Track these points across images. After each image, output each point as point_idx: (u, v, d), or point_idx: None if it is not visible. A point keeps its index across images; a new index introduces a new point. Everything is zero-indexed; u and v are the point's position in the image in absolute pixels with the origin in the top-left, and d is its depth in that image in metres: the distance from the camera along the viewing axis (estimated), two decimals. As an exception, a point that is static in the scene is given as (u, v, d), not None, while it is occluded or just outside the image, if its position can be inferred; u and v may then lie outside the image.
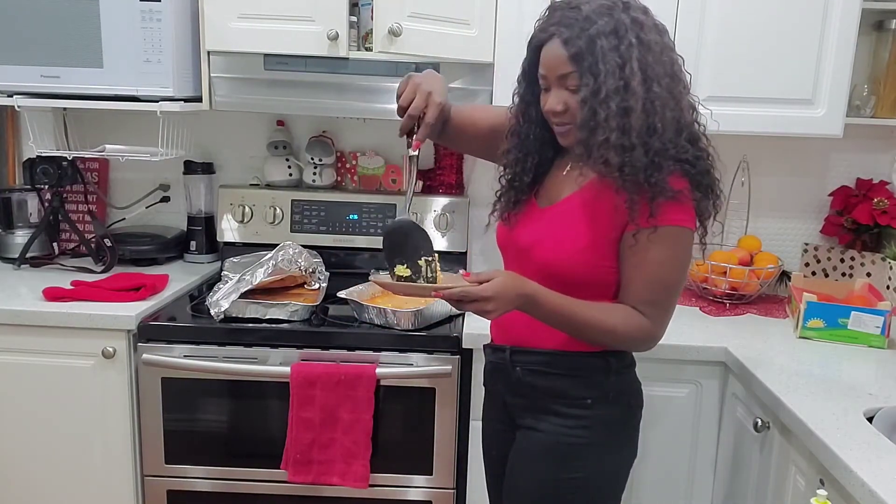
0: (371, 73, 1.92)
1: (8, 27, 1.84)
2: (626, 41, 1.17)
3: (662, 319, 1.28)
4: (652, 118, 1.18)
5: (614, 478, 1.36)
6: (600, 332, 1.25)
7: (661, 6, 1.89)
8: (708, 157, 1.24)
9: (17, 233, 2.21)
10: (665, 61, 1.20)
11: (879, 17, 2.09)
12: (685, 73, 1.24)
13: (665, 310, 1.28)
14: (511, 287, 1.20)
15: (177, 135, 2.03)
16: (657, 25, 1.22)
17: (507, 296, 1.19)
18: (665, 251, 1.23)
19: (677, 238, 1.23)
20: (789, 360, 1.68)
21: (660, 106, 1.18)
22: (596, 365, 1.31)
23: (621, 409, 1.34)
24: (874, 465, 1.16)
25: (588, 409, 1.30)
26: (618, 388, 1.33)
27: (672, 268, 1.25)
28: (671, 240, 1.22)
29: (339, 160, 2.35)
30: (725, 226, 2.33)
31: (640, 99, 1.17)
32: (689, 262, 1.28)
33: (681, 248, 1.24)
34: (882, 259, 2.08)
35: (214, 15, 1.87)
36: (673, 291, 1.28)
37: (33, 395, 1.80)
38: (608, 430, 1.32)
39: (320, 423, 1.70)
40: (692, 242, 1.26)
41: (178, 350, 1.74)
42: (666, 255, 1.23)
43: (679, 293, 1.30)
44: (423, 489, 1.80)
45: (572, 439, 1.31)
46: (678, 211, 1.21)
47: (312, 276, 1.99)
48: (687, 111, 1.23)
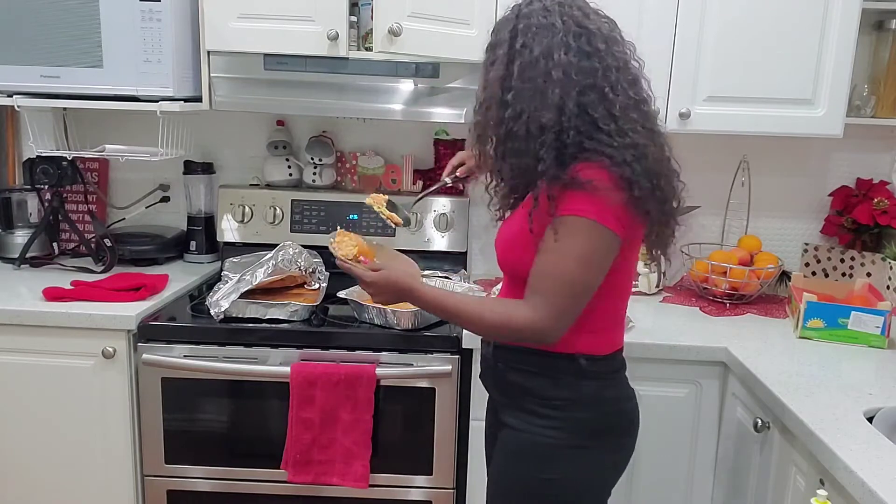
0: (371, 73, 1.92)
1: (8, 27, 1.84)
2: (499, 51, 1.25)
3: (544, 310, 1.21)
4: (517, 122, 1.21)
5: (590, 484, 1.33)
6: (468, 321, 1.29)
7: (662, 6, 1.91)
8: (633, 149, 1.18)
9: (17, 233, 2.21)
10: (541, 62, 1.20)
11: (879, 17, 2.10)
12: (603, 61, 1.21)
13: (548, 300, 1.21)
14: (391, 281, 1.34)
15: (177, 135, 2.03)
16: (553, 24, 1.21)
17: (387, 287, 1.35)
18: (561, 241, 1.19)
19: (570, 228, 1.18)
20: (789, 360, 1.68)
21: (519, 112, 1.21)
22: (565, 366, 1.29)
23: (595, 415, 1.31)
24: (874, 465, 1.16)
25: (558, 410, 1.30)
26: (591, 393, 1.30)
27: (565, 258, 1.19)
28: (563, 229, 1.19)
29: (339, 160, 2.35)
30: (725, 226, 2.33)
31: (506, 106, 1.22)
32: (593, 258, 1.20)
33: (578, 239, 1.18)
34: (882, 259, 2.08)
35: (214, 15, 1.87)
36: (564, 284, 1.20)
37: (33, 395, 1.80)
38: (579, 434, 1.30)
39: (320, 423, 1.70)
40: (600, 239, 1.19)
41: (178, 350, 1.74)
42: (561, 244, 1.19)
43: (575, 291, 1.21)
44: (423, 489, 1.80)
45: (545, 439, 1.30)
46: (581, 202, 1.17)
47: (312, 276, 1.99)
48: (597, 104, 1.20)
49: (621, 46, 1.25)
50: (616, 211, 1.18)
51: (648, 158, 1.19)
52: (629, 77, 1.23)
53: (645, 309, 2.04)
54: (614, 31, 1.26)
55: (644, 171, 1.18)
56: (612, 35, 1.24)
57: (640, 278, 2.17)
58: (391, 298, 1.37)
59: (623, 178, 1.17)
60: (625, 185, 1.17)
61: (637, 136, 1.20)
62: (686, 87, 1.95)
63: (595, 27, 1.22)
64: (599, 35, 1.22)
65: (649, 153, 1.19)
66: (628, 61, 1.24)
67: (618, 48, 1.24)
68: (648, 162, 1.19)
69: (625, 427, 1.36)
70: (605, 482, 1.36)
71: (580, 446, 1.30)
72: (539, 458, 1.30)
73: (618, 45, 1.24)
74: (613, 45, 1.23)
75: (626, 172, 1.17)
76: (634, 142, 1.19)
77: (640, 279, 2.17)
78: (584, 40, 1.20)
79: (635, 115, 1.22)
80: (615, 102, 1.20)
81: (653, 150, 1.21)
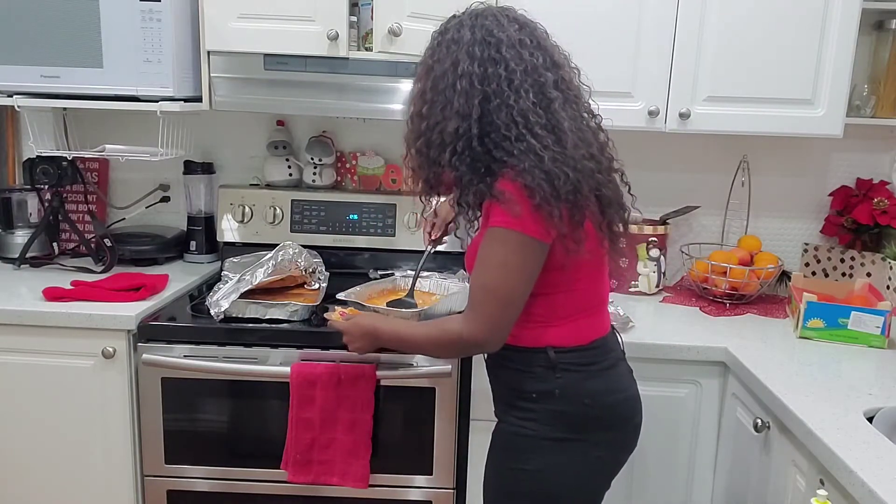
0: (371, 73, 1.92)
1: (8, 27, 1.84)
2: (420, 69, 1.32)
3: (475, 321, 1.27)
4: (431, 132, 1.27)
5: (572, 477, 1.33)
6: (422, 346, 1.41)
7: (662, 6, 1.91)
8: (532, 154, 1.21)
9: (17, 233, 2.21)
10: (449, 73, 1.25)
11: (879, 17, 2.10)
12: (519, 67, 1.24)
13: (480, 314, 1.27)
14: (357, 325, 1.48)
15: (177, 135, 2.03)
16: (462, 38, 1.26)
17: (355, 332, 1.49)
18: (485, 251, 1.27)
19: (496, 239, 1.24)
20: (789, 360, 1.68)
21: (433, 123, 1.27)
22: (536, 359, 1.33)
23: (573, 408, 1.32)
24: (874, 465, 1.16)
25: (535, 402, 1.33)
26: (567, 384, 1.32)
27: (489, 269, 1.26)
28: (491, 241, 1.26)
29: (339, 160, 2.35)
30: (725, 226, 2.33)
31: (422, 118, 1.29)
32: (515, 266, 1.24)
33: (499, 249, 1.24)
34: (882, 259, 2.08)
35: (214, 15, 1.87)
36: (491, 294, 1.26)
37: (33, 395, 1.80)
38: (557, 426, 1.32)
39: (320, 423, 1.70)
40: (519, 246, 1.23)
41: (178, 350, 1.74)
42: (486, 255, 1.27)
43: (504, 299, 1.26)
44: (423, 489, 1.80)
45: (524, 430, 1.34)
46: (499, 213, 1.23)
47: (312, 276, 1.99)
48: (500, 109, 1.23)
49: (537, 51, 1.27)
50: (531, 217, 1.21)
51: (545, 162, 1.20)
52: (539, 80, 1.25)
53: (645, 309, 2.05)
54: (530, 37, 1.27)
55: (544, 175, 1.20)
56: (524, 40, 1.26)
57: (640, 278, 2.17)
58: (365, 343, 1.49)
59: (526, 186, 1.21)
60: (527, 193, 1.21)
61: (535, 139, 1.22)
62: (686, 87, 1.95)
63: (505, 35, 1.25)
64: (508, 42, 1.25)
65: (546, 156, 1.21)
66: (538, 65, 1.25)
67: (529, 52, 1.26)
68: (545, 165, 1.21)
69: (609, 421, 1.35)
70: (590, 477, 1.36)
71: (559, 439, 1.32)
72: (518, 450, 1.34)
73: (528, 49, 1.26)
74: (523, 50, 1.25)
75: (527, 180, 1.20)
76: (531, 146, 1.22)
77: (640, 279, 2.18)
78: (492, 49, 1.24)
79: (535, 117, 1.23)
80: (515, 107, 1.23)
81: (552, 153, 1.22)
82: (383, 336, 1.46)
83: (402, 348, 1.51)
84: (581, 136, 1.27)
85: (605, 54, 1.93)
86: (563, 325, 1.33)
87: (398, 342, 1.45)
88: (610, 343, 1.40)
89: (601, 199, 1.30)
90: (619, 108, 1.85)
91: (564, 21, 1.34)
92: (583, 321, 1.35)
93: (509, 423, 1.38)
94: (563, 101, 1.26)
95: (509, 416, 1.38)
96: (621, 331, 1.62)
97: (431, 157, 1.30)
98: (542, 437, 1.32)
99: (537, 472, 1.32)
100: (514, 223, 1.22)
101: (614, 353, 1.40)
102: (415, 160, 1.34)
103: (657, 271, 2.18)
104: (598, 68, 1.36)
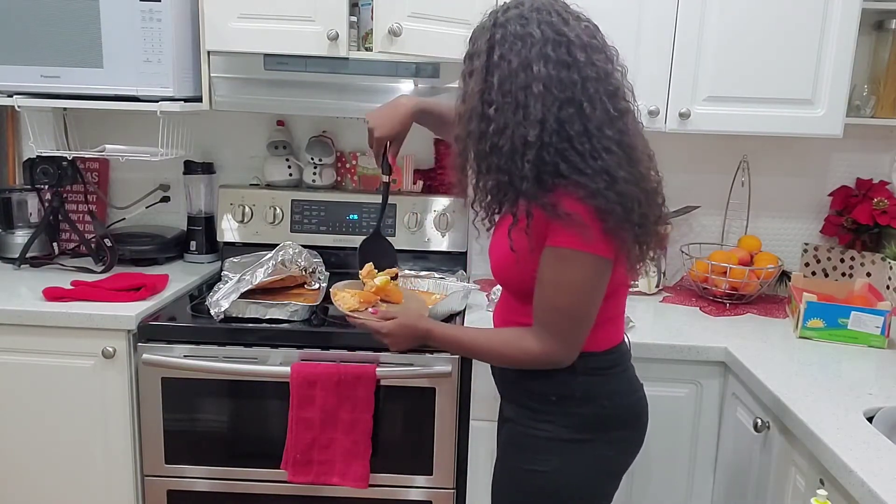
0: (371, 73, 1.92)
1: (8, 27, 1.84)
2: (476, 62, 1.23)
3: (552, 343, 1.25)
4: (501, 137, 1.19)
5: (585, 478, 1.33)
6: (489, 356, 1.37)
7: (662, 6, 1.91)
8: (605, 174, 1.16)
9: (17, 233, 2.21)
10: (521, 74, 1.17)
11: (879, 17, 2.10)
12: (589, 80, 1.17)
13: (554, 333, 1.25)
14: (406, 327, 1.40)
15: (177, 135, 2.03)
16: (530, 34, 1.18)
17: (403, 334, 1.41)
18: (554, 273, 1.22)
19: (566, 261, 1.20)
20: (789, 360, 1.68)
21: (503, 127, 1.18)
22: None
23: (591, 410, 1.31)
24: (874, 465, 1.16)
25: (553, 405, 1.31)
26: (586, 388, 1.31)
27: (560, 290, 1.22)
28: (560, 262, 1.21)
29: (339, 160, 2.35)
30: (725, 226, 2.33)
31: (488, 120, 1.20)
32: (587, 287, 1.22)
33: (570, 271, 1.21)
34: (882, 259, 2.08)
35: (214, 15, 1.87)
36: (564, 315, 1.24)
37: (33, 395, 1.80)
38: (574, 428, 1.31)
39: (320, 423, 1.70)
40: (591, 267, 1.20)
41: (178, 350, 1.74)
42: (555, 276, 1.22)
43: (578, 318, 1.24)
44: (423, 489, 1.80)
45: (538, 432, 1.32)
46: (566, 234, 1.18)
47: (312, 276, 1.99)
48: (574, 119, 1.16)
49: (602, 54, 1.21)
50: (599, 237, 1.18)
51: (619, 183, 1.17)
52: (609, 88, 1.20)
53: (645, 309, 2.05)
54: (595, 38, 1.22)
55: (617, 198, 1.16)
56: (593, 42, 1.20)
57: (640, 278, 2.17)
58: (410, 344, 1.42)
59: (598, 209, 1.16)
60: (599, 216, 1.17)
61: (610, 157, 1.17)
62: (686, 87, 1.95)
63: (574, 34, 1.18)
64: (578, 43, 1.18)
65: (620, 177, 1.17)
66: (609, 71, 1.20)
67: (598, 56, 1.20)
68: (619, 186, 1.17)
69: (624, 420, 1.36)
70: (603, 476, 1.36)
71: (574, 440, 1.31)
72: (533, 451, 1.33)
73: (598, 53, 1.20)
74: (594, 54, 1.19)
75: (600, 203, 1.16)
76: (606, 165, 1.16)
77: (640, 279, 2.17)
78: (563, 50, 1.17)
79: (610, 131, 1.18)
80: (591, 118, 1.17)
81: (625, 173, 1.18)
82: (437, 339, 1.39)
83: (457, 353, 1.47)
84: (648, 152, 1.24)
85: (605, 54, 1.93)
86: (592, 332, 1.29)
87: (456, 349, 1.41)
88: (625, 346, 1.40)
89: (659, 219, 1.28)
90: (619, 108, 1.85)
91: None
92: (608, 328, 1.34)
93: (522, 424, 1.35)
94: (632, 113, 1.22)
95: (524, 419, 1.35)
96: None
97: (496, 164, 1.21)
98: (558, 439, 1.31)
99: (552, 472, 1.31)
100: (585, 245, 1.18)
101: (628, 355, 1.40)
102: (473, 164, 1.26)
103: (657, 271, 2.18)
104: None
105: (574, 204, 1.17)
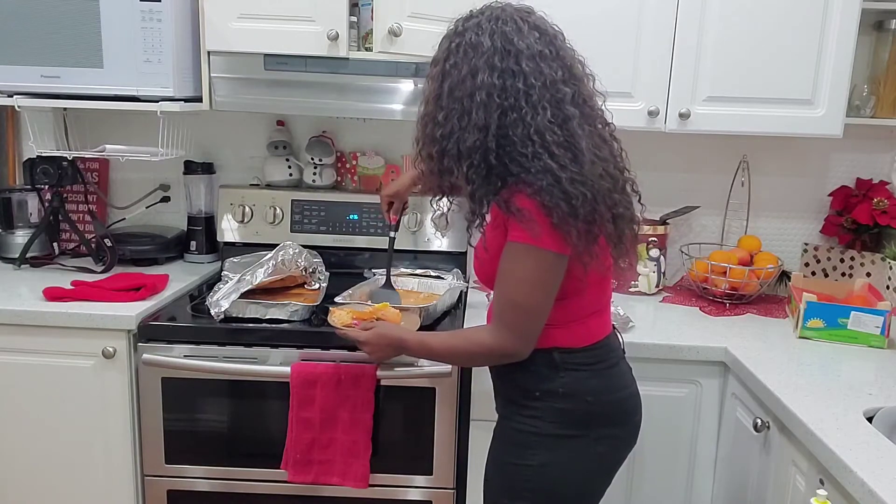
0: (371, 73, 1.92)
1: (8, 27, 1.84)
2: (435, 68, 1.30)
3: (505, 335, 1.30)
4: (449, 141, 1.25)
5: (570, 473, 1.34)
6: (454, 357, 1.44)
7: (662, 7, 1.91)
8: (549, 174, 1.21)
9: (18, 233, 2.21)
10: (468, 82, 1.23)
11: (879, 17, 2.10)
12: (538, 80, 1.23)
13: (507, 325, 1.30)
14: (381, 336, 1.47)
15: (177, 135, 2.03)
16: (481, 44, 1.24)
17: (380, 343, 1.48)
18: (509, 266, 1.28)
19: (518, 254, 1.26)
20: (789, 360, 1.68)
21: (449, 132, 1.25)
22: (541, 359, 1.34)
23: (576, 406, 1.33)
24: (874, 465, 1.16)
25: (538, 400, 1.34)
26: (570, 383, 1.33)
27: (512, 283, 1.28)
28: (513, 256, 1.27)
29: (339, 160, 2.35)
30: (725, 226, 2.33)
31: (438, 124, 1.27)
32: (537, 280, 1.26)
33: (521, 265, 1.26)
34: (882, 259, 2.08)
35: (214, 15, 1.87)
36: (517, 307, 1.28)
37: (33, 395, 1.80)
38: (559, 423, 1.33)
39: (320, 423, 1.70)
40: (541, 261, 1.24)
41: (179, 350, 1.74)
42: (509, 270, 1.28)
43: (528, 310, 1.28)
44: (423, 489, 1.80)
45: (527, 427, 1.35)
46: (519, 229, 1.23)
47: (312, 276, 1.99)
48: (517, 125, 1.22)
49: (555, 62, 1.25)
50: (549, 233, 1.22)
51: (563, 182, 1.20)
52: (557, 96, 1.24)
53: (645, 309, 2.05)
54: (550, 47, 1.26)
55: (562, 195, 1.20)
56: (544, 51, 1.24)
57: (640, 278, 2.17)
58: (389, 352, 1.49)
59: (544, 205, 1.21)
60: (545, 212, 1.21)
61: (552, 159, 1.21)
62: (686, 87, 1.95)
63: (524, 45, 1.23)
64: (528, 53, 1.23)
65: (564, 177, 1.21)
66: (559, 79, 1.24)
67: (550, 65, 1.24)
68: (563, 185, 1.21)
69: (611, 417, 1.37)
70: (592, 472, 1.37)
71: (561, 436, 1.33)
72: (521, 445, 1.35)
73: (548, 62, 1.24)
74: (542, 62, 1.24)
75: (545, 200, 1.21)
76: (549, 166, 1.21)
77: (640, 279, 2.18)
78: (511, 60, 1.23)
79: (553, 136, 1.22)
80: (532, 124, 1.22)
81: (570, 173, 1.21)
82: (411, 347, 1.46)
83: (430, 358, 1.53)
84: (598, 153, 1.27)
85: (605, 54, 1.92)
86: (569, 327, 1.34)
87: (427, 353, 1.46)
88: (612, 342, 1.42)
89: (615, 217, 1.30)
90: (619, 109, 1.82)
91: (564, 21, 1.33)
92: (590, 322, 1.36)
93: (512, 420, 1.38)
94: (581, 118, 1.25)
95: (512, 413, 1.39)
96: (622, 331, 1.62)
97: (446, 166, 1.29)
98: (546, 434, 1.33)
99: (540, 467, 1.33)
100: (533, 240, 1.23)
101: (616, 352, 1.42)
102: (426, 164, 1.33)
103: (657, 271, 2.18)
104: (597, 68, 1.35)
105: (524, 200, 1.23)
